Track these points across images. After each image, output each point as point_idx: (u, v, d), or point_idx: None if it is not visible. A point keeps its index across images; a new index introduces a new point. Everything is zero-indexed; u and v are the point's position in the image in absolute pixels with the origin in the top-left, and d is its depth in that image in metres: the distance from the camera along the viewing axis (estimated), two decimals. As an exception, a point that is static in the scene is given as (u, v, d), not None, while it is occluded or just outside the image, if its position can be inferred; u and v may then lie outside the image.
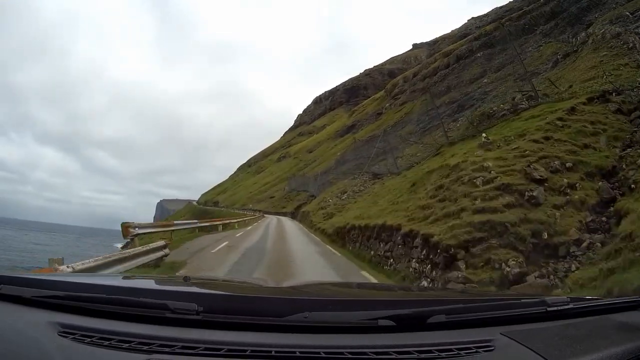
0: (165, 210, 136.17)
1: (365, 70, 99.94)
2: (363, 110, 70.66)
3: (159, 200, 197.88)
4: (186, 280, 1.55)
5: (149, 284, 1.68)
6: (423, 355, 0.94)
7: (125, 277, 2.28)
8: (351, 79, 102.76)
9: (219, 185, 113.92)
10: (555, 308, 1.20)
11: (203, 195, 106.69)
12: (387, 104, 59.04)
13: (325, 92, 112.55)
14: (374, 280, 7.56)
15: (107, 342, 0.92)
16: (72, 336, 0.94)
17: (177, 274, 6.44)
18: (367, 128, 54.88)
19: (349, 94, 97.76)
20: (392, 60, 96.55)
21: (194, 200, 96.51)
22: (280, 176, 67.02)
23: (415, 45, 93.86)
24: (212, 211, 48.84)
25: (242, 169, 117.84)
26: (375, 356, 0.92)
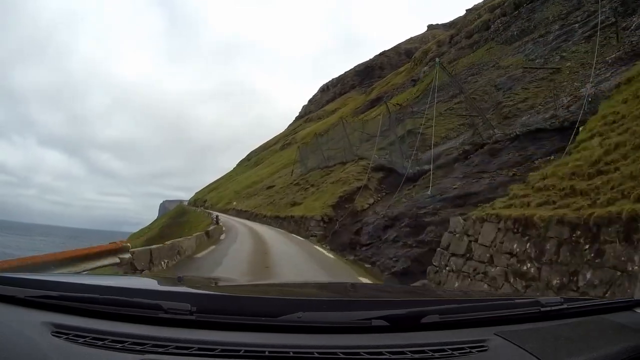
0: (167, 210, 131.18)
1: (375, 55, 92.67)
2: (388, 83, 59.86)
3: (161, 201, 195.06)
4: (180, 280, 1.56)
5: (142, 284, 1.67)
6: (417, 356, 0.93)
7: (118, 277, 2.37)
8: (364, 62, 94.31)
9: (214, 182, 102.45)
10: (549, 308, 1.19)
11: (197, 193, 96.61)
12: (425, 68, 49.95)
13: (333, 79, 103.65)
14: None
15: (101, 342, 0.91)
16: (65, 336, 0.93)
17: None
18: (407, 92, 42.13)
19: (361, 76, 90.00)
20: (409, 40, 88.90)
21: (186, 200, 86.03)
22: (285, 164, 52.74)
23: (430, 27, 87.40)
24: (190, 211, 38.94)
25: (241, 164, 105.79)
26: (368, 356, 0.91)
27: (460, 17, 60.47)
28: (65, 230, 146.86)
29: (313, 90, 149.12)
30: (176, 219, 36.02)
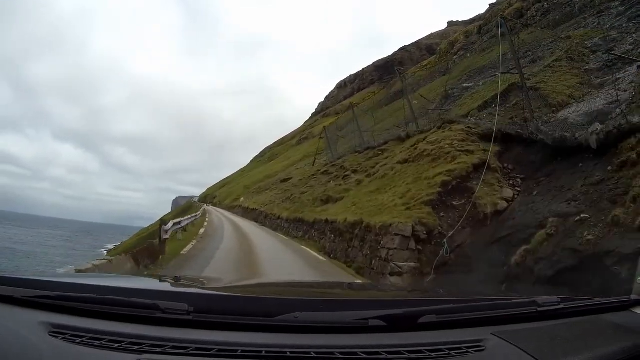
0: (179, 206, 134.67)
1: (395, 51, 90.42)
2: (413, 75, 57.24)
3: (175, 197, 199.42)
4: (177, 280, 1.58)
5: (140, 284, 1.65)
6: (414, 356, 0.92)
7: (116, 277, 2.34)
8: (384, 58, 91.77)
9: (226, 178, 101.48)
10: (546, 308, 1.17)
11: (209, 189, 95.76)
12: (454, 58, 47.54)
13: (351, 75, 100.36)
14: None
15: (98, 342, 0.90)
16: (62, 336, 0.92)
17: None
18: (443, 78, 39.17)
19: (381, 71, 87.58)
20: (429, 36, 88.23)
21: (197, 197, 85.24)
22: (302, 157, 48.63)
23: (450, 23, 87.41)
24: (195, 207, 36.24)
25: (255, 160, 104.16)
26: (366, 356, 0.91)
27: (481, 14, 60.04)
28: (76, 224, 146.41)
29: (330, 87, 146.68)
30: (179, 215, 33.84)
